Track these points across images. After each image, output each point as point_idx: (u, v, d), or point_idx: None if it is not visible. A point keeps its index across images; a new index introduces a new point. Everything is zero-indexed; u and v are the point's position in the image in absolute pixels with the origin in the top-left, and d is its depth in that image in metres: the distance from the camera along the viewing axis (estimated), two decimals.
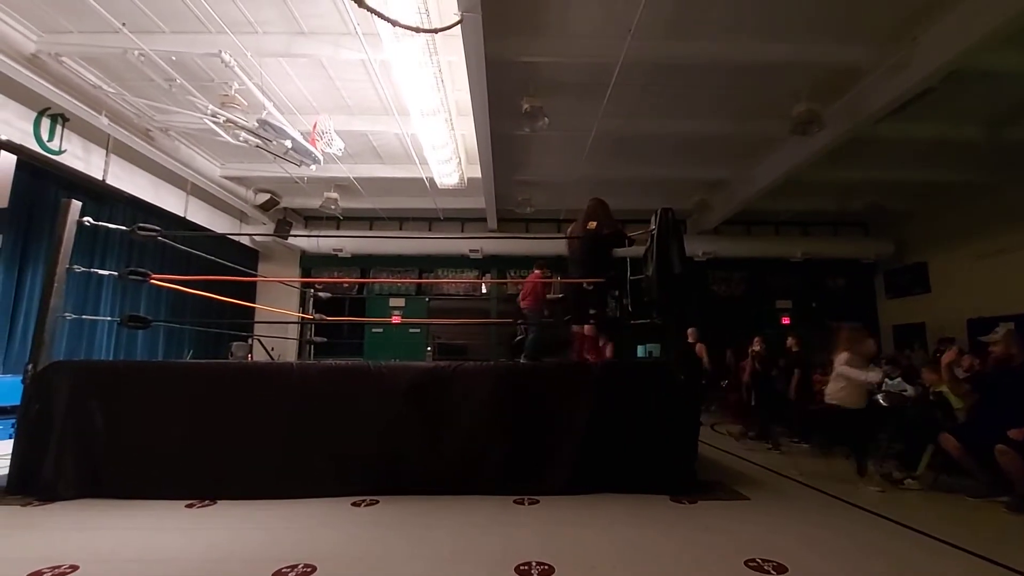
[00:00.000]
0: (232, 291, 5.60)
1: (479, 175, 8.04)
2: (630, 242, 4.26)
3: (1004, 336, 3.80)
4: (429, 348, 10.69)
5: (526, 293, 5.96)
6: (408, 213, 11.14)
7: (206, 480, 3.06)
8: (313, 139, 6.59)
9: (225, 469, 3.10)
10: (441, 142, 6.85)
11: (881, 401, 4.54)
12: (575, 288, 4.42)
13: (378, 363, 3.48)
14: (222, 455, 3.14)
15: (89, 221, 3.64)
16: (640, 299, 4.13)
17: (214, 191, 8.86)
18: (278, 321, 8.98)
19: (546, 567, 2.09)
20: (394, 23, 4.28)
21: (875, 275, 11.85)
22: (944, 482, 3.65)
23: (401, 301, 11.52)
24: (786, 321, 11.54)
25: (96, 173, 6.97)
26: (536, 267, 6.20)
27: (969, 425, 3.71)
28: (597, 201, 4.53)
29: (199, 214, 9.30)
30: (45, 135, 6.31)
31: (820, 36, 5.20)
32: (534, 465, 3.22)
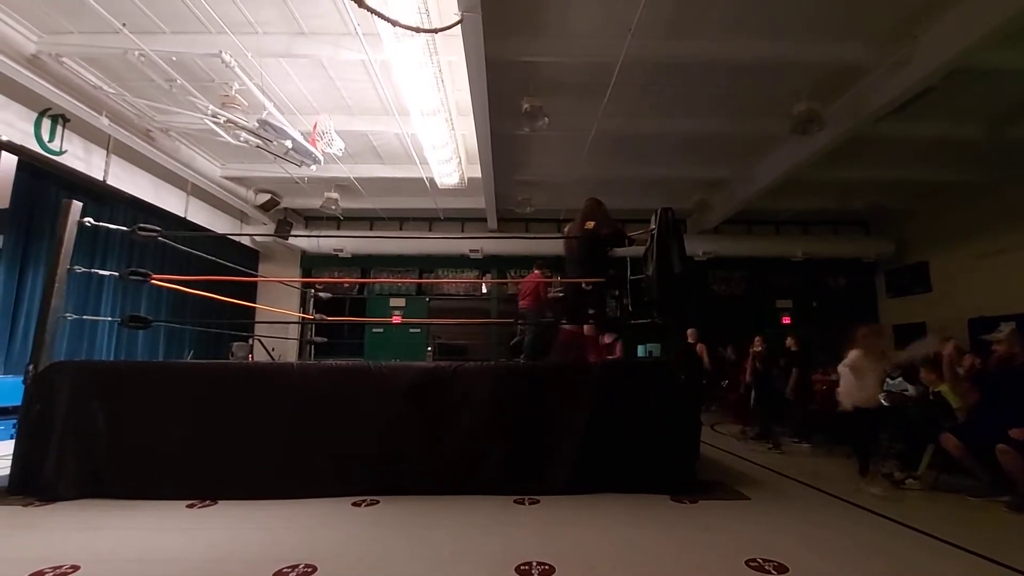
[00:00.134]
0: (232, 291, 5.60)
1: (479, 175, 8.04)
2: (630, 242, 4.26)
3: (1008, 335, 3.79)
4: (429, 348, 10.68)
5: (525, 293, 5.97)
6: (408, 213, 11.15)
7: (207, 480, 3.07)
8: (313, 139, 6.59)
9: (226, 469, 3.11)
10: (441, 142, 6.85)
11: (882, 401, 4.54)
12: (574, 288, 4.42)
13: (378, 363, 3.48)
14: (223, 455, 3.15)
15: (90, 222, 3.65)
16: (640, 299, 4.13)
17: (214, 191, 8.87)
18: (278, 321, 8.99)
19: (546, 567, 2.09)
20: (394, 23, 4.28)
21: (876, 274, 11.83)
22: (945, 482, 3.65)
23: (401, 301, 11.52)
24: (787, 321, 11.53)
25: (97, 174, 6.98)
26: (536, 267, 6.21)
27: (970, 425, 3.71)
28: (594, 201, 4.53)
29: (199, 214, 9.31)
30: (46, 136, 6.32)
31: (820, 35, 5.20)
32: (534, 465, 3.22)
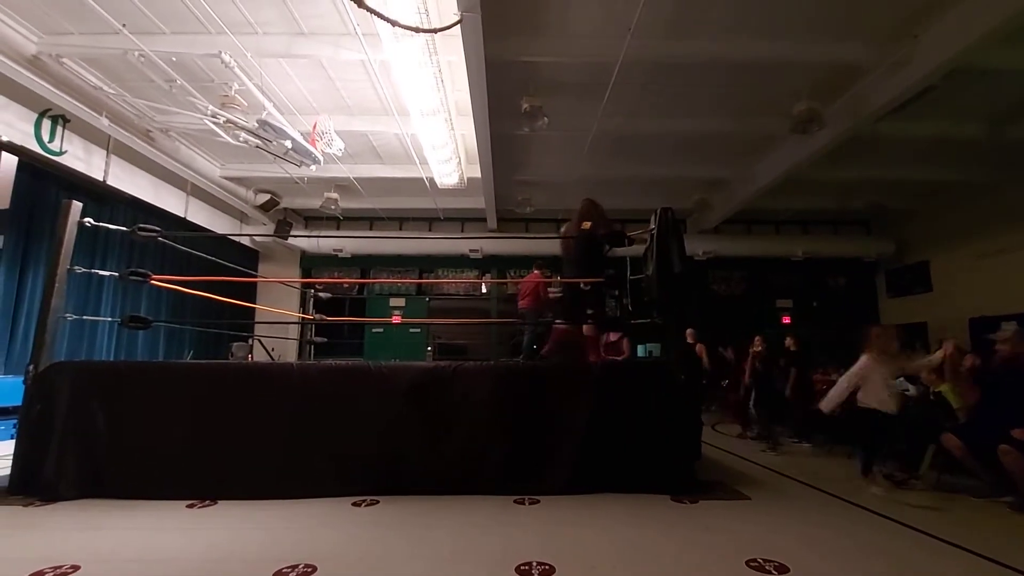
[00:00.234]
0: (232, 291, 5.61)
1: (479, 175, 8.04)
2: (630, 241, 4.25)
3: (1013, 335, 3.79)
4: (429, 348, 10.69)
5: (525, 293, 5.96)
6: (408, 213, 11.14)
7: (207, 480, 3.07)
8: (313, 139, 6.59)
9: (226, 469, 3.11)
10: (441, 142, 6.85)
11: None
12: (571, 287, 4.40)
13: (378, 363, 3.48)
14: (223, 455, 3.15)
15: (90, 222, 3.65)
16: (640, 299, 4.13)
17: (214, 191, 8.87)
18: (278, 321, 8.98)
19: (546, 567, 2.09)
20: (394, 23, 4.28)
21: (876, 274, 11.82)
22: (946, 482, 3.64)
23: (401, 301, 11.52)
24: (787, 320, 11.53)
25: (97, 174, 6.98)
26: (535, 267, 6.21)
27: (971, 425, 3.70)
28: (590, 201, 4.51)
29: (199, 215, 9.31)
30: (46, 136, 6.32)
31: (820, 35, 5.19)
32: (534, 465, 3.22)
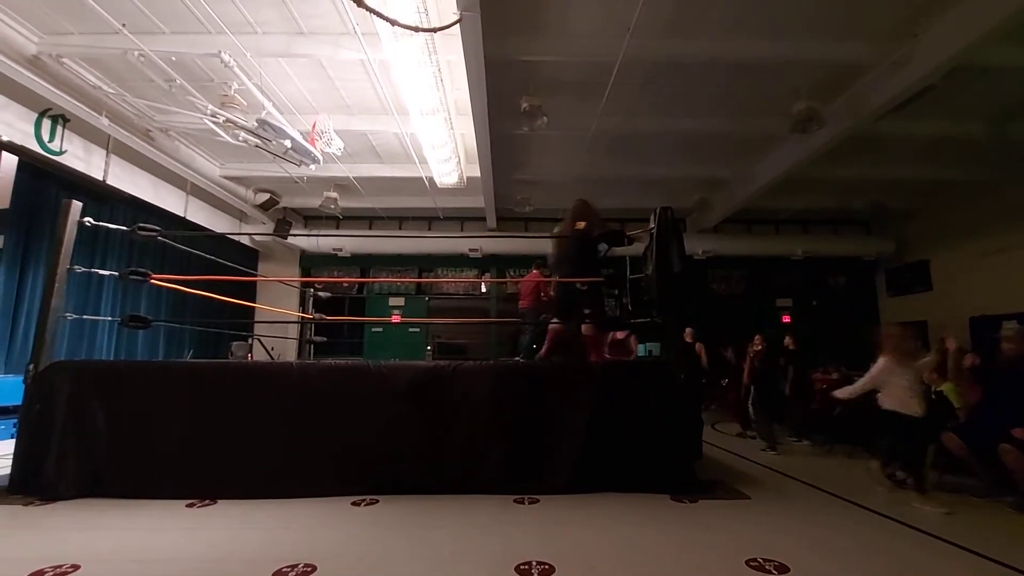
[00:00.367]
0: (232, 291, 5.60)
1: (478, 174, 8.03)
2: (629, 241, 4.24)
3: (1017, 334, 3.79)
4: (429, 347, 10.68)
5: (525, 293, 5.96)
6: (407, 212, 11.13)
7: (207, 480, 3.07)
8: (312, 139, 6.58)
9: (226, 469, 3.11)
10: (440, 141, 6.84)
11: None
12: (565, 287, 4.37)
13: (378, 363, 3.48)
14: (223, 455, 3.15)
15: (90, 221, 3.65)
16: (640, 298, 4.12)
17: (214, 191, 8.86)
18: (278, 321, 8.99)
19: (546, 567, 2.09)
20: (393, 22, 4.28)
21: (876, 273, 11.82)
22: (947, 482, 3.64)
23: (401, 300, 11.52)
24: (786, 320, 11.52)
25: (96, 173, 6.98)
26: (535, 267, 6.20)
27: (972, 424, 3.70)
28: (583, 202, 4.50)
29: (199, 214, 9.31)
30: (46, 136, 6.32)
31: (820, 34, 5.18)
32: (534, 465, 3.22)
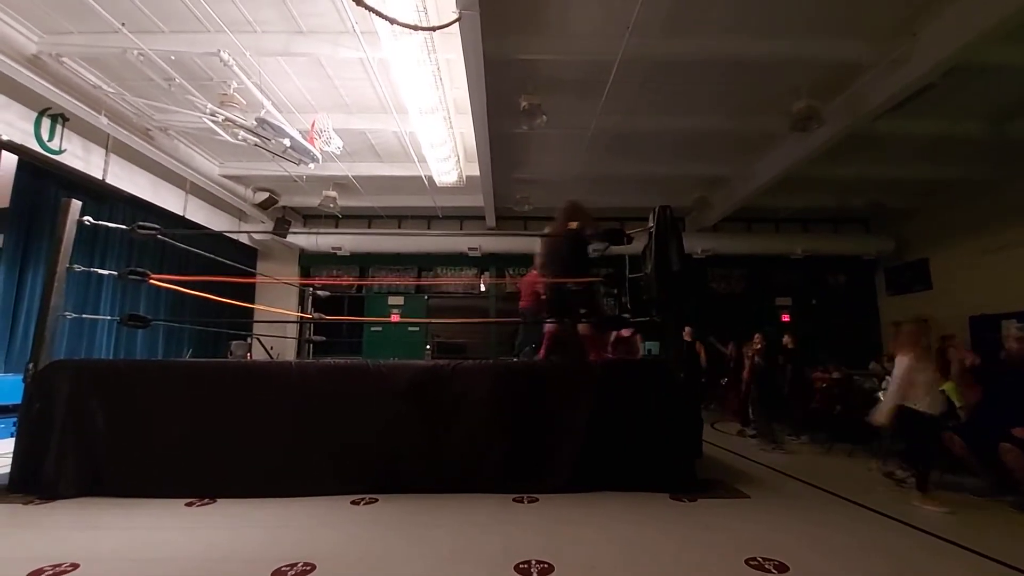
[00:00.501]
0: (231, 290, 5.60)
1: (478, 173, 8.02)
2: (629, 239, 4.23)
3: (1021, 334, 3.79)
4: (428, 347, 10.67)
5: (525, 292, 5.95)
6: (407, 211, 11.12)
7: (206, 479, 3.07)
8: (312, 138, 6.58)
9: (225, 468, 3.11)
10: (439, 140, 6.83)
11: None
12: (558, 287, 4.36)
13: (377, 362, 3.48)
14: (222, 454, 3.15)
15: (89, 220, 3.65)
16: (639, 297, 4.12)
17: (213, 190, 8.85)
18: (277, 320, 8.98)
19: (546, 566, 2.09)
20: (392, 21, 4.27)
21: (876, 272, 11.81)
22: (948, 481, 3.64)
23: (400, 299, 11.51)
24: (786, 319, 11.52)
25: (96, 172, 6.97)
26: (534, 266, 6.19)
27: (973, 424, 3.70)
28: (573, 203, 4.50)
29: (198, 213, 9.29)
30: (45, 135, 6.30)
31: (820, 32, 5.18)
32: (534, 464, 3.22)
